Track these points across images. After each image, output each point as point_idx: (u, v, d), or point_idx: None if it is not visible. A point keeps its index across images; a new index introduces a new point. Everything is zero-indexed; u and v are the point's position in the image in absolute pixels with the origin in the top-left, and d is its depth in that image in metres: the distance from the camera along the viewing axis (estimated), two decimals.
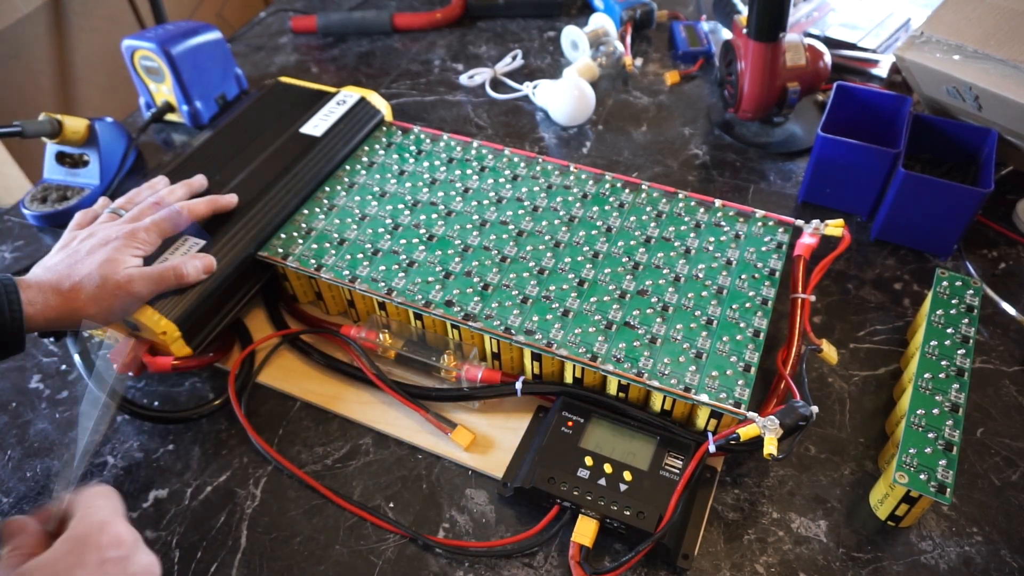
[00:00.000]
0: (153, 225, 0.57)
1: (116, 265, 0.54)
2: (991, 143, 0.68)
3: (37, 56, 1.22)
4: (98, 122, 0.77)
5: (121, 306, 0.53)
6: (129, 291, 0.53)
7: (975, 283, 0.59)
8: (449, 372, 0.58)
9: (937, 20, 0.70)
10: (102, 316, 0.53)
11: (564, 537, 0.51)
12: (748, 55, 0.76)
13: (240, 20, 1.45)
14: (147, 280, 0.54)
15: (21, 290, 0.50)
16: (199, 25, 0.85)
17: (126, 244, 0.55)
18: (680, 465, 0.51)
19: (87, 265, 0.53)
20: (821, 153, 0.70)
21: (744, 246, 0.62)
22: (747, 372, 0.52)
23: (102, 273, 0.53)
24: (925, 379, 0.53)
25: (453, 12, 1.05)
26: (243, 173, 0.68)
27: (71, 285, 0.52)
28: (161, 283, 0.55)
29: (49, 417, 0.60)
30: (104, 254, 0.54)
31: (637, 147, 0.83)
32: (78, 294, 0.52)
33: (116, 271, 0.53)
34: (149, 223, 0.57)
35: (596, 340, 0.55)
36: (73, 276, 0.53)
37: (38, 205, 0.76)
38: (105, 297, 0.52)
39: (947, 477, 0.47)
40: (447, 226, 0.64)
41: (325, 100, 0.76)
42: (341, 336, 0.61)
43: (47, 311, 0.51)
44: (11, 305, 0.49)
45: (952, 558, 0.50)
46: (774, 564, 0.50)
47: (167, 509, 0.54)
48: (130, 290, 0.53)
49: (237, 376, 0.59)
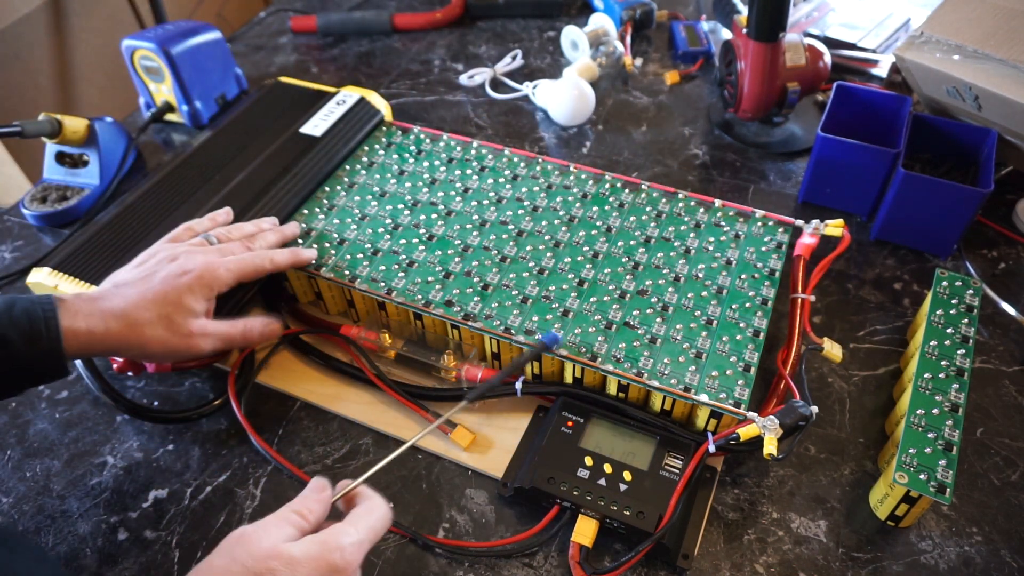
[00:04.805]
0: (237, 267, 0.55)
1: (184, 313, 0.51)
2: (991, 143, 0.68)
3: (37, 56, 1.22)
4: (98, 122, 0.77)
5: (183, 354, 0.52)
6: (194, 346, 0.51)
7: (975, 283, 0.59)
8: (449, 372, 0.58)
9: (937, 20, 0.70)
10: (160, 357, 0.51)
11: (564, 537, 0.51)
12: (748, 55, 0.76)
13: (240, 20, 1.45)
14: (215, 339, 0.52)
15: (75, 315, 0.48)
16: (199, 25, 0.85)
17: (199, 283, 0.52)
18: (680, 465, 0.51)
19: (154, 300, 0.50)
20: (821, 153, 0.70)
21: (744, 246, 0.62)
22: (747, 372, 0.52)
23: (167, 316, 0.50)
24: (925, 379, 0.53)
25: (453, 12, 1.05)
26: (243, 173, 0.68)
27: (136, 319, 0.49)
28: (228, 344, 0.54)
29: (49, 417, 0.60)
30: (174, 289, 0.51)
31: (637, 147, 0.83)
32: (143, 330, 0.49)
33: (186, 321, 0.51)
34: (233, 264, 0.55)
35: (596, 340, 0.55)
36: (139, 309, 0.50)
37: (38, 205, 0.76)
38: (171, 342, 0.50)
39: (947, 477, 0.47)
40: (447, 226, 0.64)
41: (325, 100, 0.76)
42: (341, 336, 0.61)
43: (107, 339, 0.48)
44: (49, 333, 0.46)
45: (952, 558, 0.50)
46: (774, 564, 0.50)
47: (167, 509, 0.54)
48: (196, 346, 0.51)
49: (237, 376, 0.59)
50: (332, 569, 0.39)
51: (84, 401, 0.61)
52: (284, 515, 0.41)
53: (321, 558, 0.39)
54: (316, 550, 0.39)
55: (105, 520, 0.53)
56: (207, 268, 0.53)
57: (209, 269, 0.53)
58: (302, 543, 0.39)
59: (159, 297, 0.51)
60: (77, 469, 0.57)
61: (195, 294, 0.52)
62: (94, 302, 0.49)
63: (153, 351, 0.51)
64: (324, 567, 0.38)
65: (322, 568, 0.38)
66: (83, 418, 0.60)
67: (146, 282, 0.52)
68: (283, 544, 0.39)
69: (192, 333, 0.51)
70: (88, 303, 0.49)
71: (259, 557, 0.38)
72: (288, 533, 0.40)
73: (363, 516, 0.42)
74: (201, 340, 0.52)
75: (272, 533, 0.39)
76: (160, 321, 0.50)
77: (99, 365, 0.58)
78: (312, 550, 0.39)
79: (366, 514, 0.42)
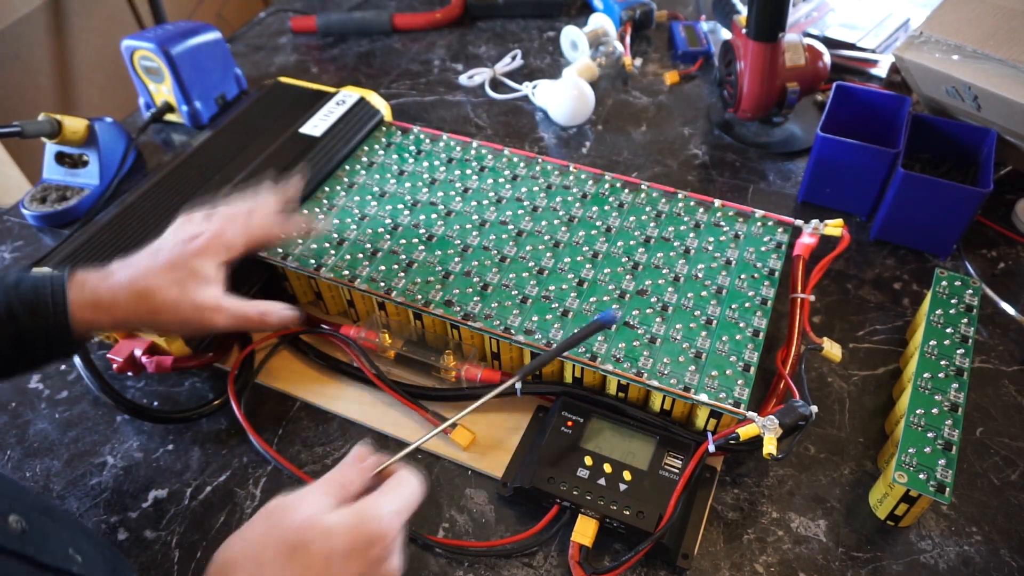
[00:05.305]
0: (246, 232, 0.54)
1: (196, 279, 0.49)
2: (990, 143, 0.68)
3: (37, 56, 1.22)
4: (97, 122, 0.77)
5: (196, 327, 0.50)
6: (207, 320, 0.50)
7: (974, 283, 0.59)
8: (449, 372, 0.58)
9: (936, 20, 0.70)
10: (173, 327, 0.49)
11: (564, 537, 0.51)
12: (747, 55, 0.76)
13: (240, 20, 1.45)
14: (229, 316, 0.51)
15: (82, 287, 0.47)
16: (199, 25, 0.85)
17: (210, 246, 0.51)
18: (680, 465, 0.51)
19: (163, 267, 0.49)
20: (821, 153, 0.70)
21: (743, 246, 0.62)
22: (746, 372, 0.52)
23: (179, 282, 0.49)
24: (924, 379, 0.53)
25: (453, 12, 1.05)
26: (243, 173, 0.68)
27: (146, 287, 0.48)
28: (242, 324, 0.52)
29: (49, 417, 0.60)
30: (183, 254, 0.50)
31: (637, 147, 0.83)
32: (153, 297, 0.48)
33: (199, 289, 0.49)
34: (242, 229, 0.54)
35: (596, 340, 0.55)
36: (149, 276, 0.49)
37: (37, 205, 0.76)
38: (183, 311, 0.49)
39: (946, 476, 0.47)
40: (447, 226, 0.64)
41: (324, 100, 0.76)
42: (341, 336, 0.61)
43: (115, 310, 0.47)
44: (56, 306, 0.45)
45: (951, 557, 0.50)
46: (774, 564, 0.50)
47: (167, 509, 0.54)
48: (209, 319, 0.50)
49: (237, 376, 0.59)
50: (369, 540, 0.39)
51: (84, 401, 0.61)
52: (324, 486, 0.41)
53: (357, 528, 0.39)
54: (352, 520, 0.39)
55: (105, 520, 0.53)
56: (217, 233, 0.52)
57: (218, 234, 0.52)
58: (338, 513, 0.39)
59: (169, 263, 0.50)
60: (77, 469, 0.57)
61: (206, 258, 0.51)
62: (104, 273, 0.49)
63: (165, 321, 0.49)
64: (361, 538, 0.38)
65: (359, 539, 0.38)
66: (83, 418, 0.60)
67: (156, 253, 0.51)
68: (320, 515, 0.39)
69: (205, 305, 0.50)
70: (98, 275, 0.49)
71: (295, 528, 0.38)
72: (326, 503, 0.40)
73: (397, 487, 0.42)
74: (215, 314, 0.50)
75: (310, 502, 0.39)
76: (172, 287, 0.49)
77: (99, 365, 0.58)
78: (348, 520, 0.39)
79: (400, 485, 0.42)
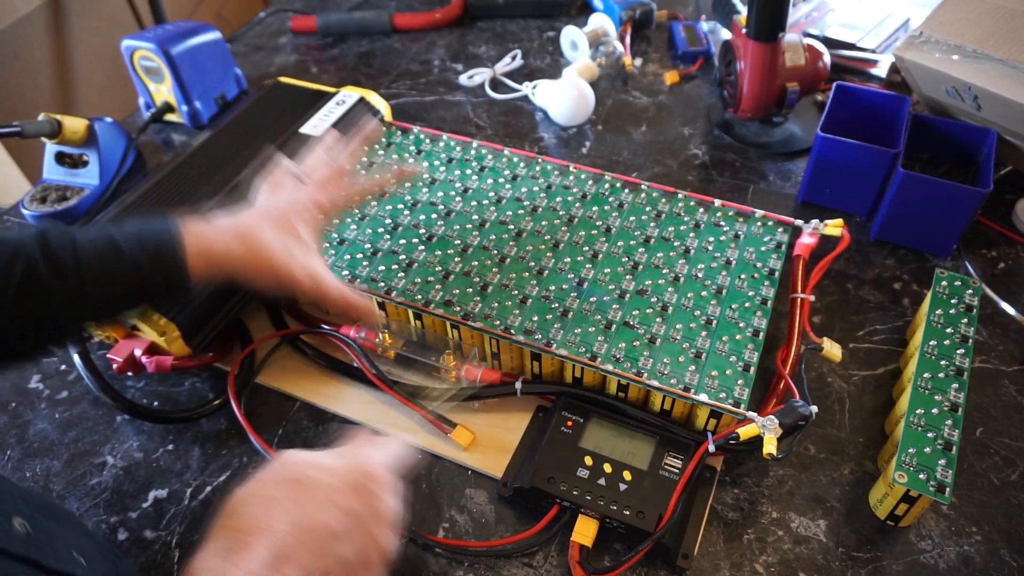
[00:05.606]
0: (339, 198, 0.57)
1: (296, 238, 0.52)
2: (990, 143, 0.68)
3: (37, 56, 1.22)
4: (97, 122, 0.77)
5: (283, 282, 0.51)
6: (296, 284, 0.51)
7: (974, 283, 0.59)
8: (449, 372, 0.58)
9: (936, 20, 0.70)
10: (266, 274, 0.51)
11: (564, 537, 0.51)
12: (747, 55, 0.76)
13: (240, 20, 1.45)
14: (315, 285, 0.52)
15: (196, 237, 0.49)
16: (199, 25, 0.85)
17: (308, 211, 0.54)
18: (680, 465, 0.51)
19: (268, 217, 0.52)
20: (820, 153, 0.70)
21: (743, 246, 0.62)
22: (746, 372, 0.52)
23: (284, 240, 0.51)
24: (924, 379, 0.53)
25: (453, 12, 1.05)
26: (243, 173, 0.68)
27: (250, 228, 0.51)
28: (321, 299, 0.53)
29: (49, 417, 0.60)
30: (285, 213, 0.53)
31: (637, 147, 0.83)
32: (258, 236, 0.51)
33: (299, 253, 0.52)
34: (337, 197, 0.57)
35: (596, 340, 0.55)
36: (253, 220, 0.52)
37: (37, 205, 0.76)
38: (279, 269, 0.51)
39: (946, 476, 0.47)
40: (447, 226, 0.64)
41: (324, 100, 0.76)
42: (341, 336, 0.61)
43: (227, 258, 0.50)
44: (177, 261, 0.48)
45: (951, 557, 0.50)
46: (774, 564, 0.50)
47: (167, 509, 0.54)
48: (297, 280, 0.51)
49: (237, 376, 0.59)
50: (364, 478, 0.40)
51: (84, 401, 0.61)
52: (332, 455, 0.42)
53: (353, 469, 0.40)
54: (349, 462, 0.41)
55: (105, 520, 0.53)
56: (317, 200, 0.55)
57: (318, 200, 0.55)
58: (335, 451, 0.42)
59: (277, 220, 0.52)
60: (77, 469, 0.57)
61: (307, 224, 0.54)
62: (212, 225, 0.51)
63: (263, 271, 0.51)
64: (357, 476, 0.40)
65: (355, 477, 0.40)
66: (83, 418, 0.60)
67: (262, 209, 0.54)
68: (320, 457, 0.41)
69: (301, 267, 0.51)
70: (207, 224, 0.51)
71: (299, 466, 0.40)
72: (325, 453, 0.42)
73: (386, 444, 0.44)
74: (305, 279, 0.51)
75: (312, 453, 0.41)
76: (276, 242, 0.51)
77: (99, 365, 0.58)
78: (345, 461, 0.41)
79: (389, 443, 0.44)
